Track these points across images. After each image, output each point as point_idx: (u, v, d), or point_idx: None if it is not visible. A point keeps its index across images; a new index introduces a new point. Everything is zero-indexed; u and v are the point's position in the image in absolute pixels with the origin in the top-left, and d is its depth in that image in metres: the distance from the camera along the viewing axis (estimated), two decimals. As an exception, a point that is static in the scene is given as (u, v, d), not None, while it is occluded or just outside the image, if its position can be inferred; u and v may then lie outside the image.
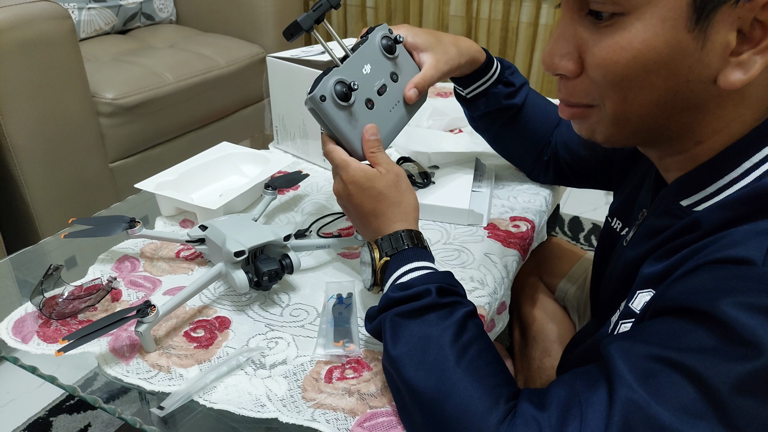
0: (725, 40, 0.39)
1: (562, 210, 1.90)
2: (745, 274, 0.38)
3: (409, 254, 0.57)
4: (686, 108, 0.44)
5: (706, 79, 0.41)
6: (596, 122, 0.48)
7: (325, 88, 0.60)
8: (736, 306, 0.36)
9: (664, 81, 0.42)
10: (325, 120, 0.62)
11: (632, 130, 0.47)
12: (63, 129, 1.31)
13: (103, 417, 1.17)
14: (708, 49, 0.40)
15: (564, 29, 0.46)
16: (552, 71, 0.48)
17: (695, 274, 0.41)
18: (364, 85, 0.64)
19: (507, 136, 0.85)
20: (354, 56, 0.64)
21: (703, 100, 0.43)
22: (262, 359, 0.58)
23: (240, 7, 1.94)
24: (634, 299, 0.48)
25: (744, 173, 0.44)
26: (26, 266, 0.75)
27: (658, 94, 0.43)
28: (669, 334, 0.39)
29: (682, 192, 0.48)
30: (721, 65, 0.41)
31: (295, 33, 0.61)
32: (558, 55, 0.46)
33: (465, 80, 0.78)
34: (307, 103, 0.61)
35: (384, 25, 0.70)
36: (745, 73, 0.40)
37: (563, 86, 0.48)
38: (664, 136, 0.47)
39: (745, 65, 0.40)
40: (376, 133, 0.63)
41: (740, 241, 0.40)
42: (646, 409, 0.37)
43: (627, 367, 0.39)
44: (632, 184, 0.65)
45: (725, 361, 0.36)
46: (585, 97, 0.47)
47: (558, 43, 0.46)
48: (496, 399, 0.44)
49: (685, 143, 0.47)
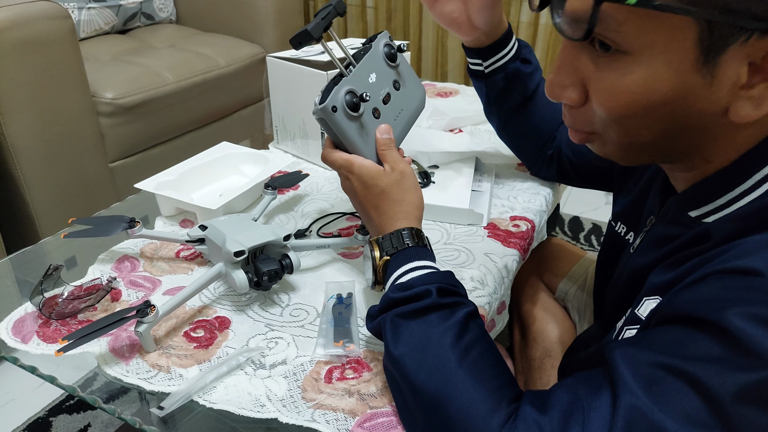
0: (735, 75, 0.38)
1: (562, 210, 1.90)
2: (752, 285, 0.37)
3: (410, 253, 0.57)
4: (695, 135, 0.43)
5: (715, 113, 0.40)
6: (605, 145, 0.48)
7: (336, 99, 0.60)
8: (743, 316, 0.36)
9: (671, 119, 0.41)
10: (335, 130, 0.61)
11: (641, 154, 0.47)
12: (63, 129, 1.31)
13: (103, 417, 1.17)
14: (716, 85, 0.39)
15: (566, 57, 0.44)
16: (556, 100, 0.47)
17: (703, 283, 0.40)
18: (372, 95, 0.64)
19: (516, 123, 0.84)
20: (360, 65, 0.64)
21: (713, 129, 0.42)
22: (262, 359, 0.58)
23: (240, 7, 1.94)
24: (640, 306, 0.48)
25: (755, 185, 0.43)
26: (26, 266, 0.75)
27: (663, 127, 0.42)
28: (674, 342, 0.39)
29: (692, 202, 0.48)
30: (730, 99, 0.39)
31: (303, 41, 0.60)
32: (561, 86, 0.45)
33: (485, 52, 0.78)
34: (317, 114, 0.60)
35: (385, 32, 0.70)
36: (756, 108, 0.39)
37: (567, 113, 0.48)
38: (674, 156, 0.47)
39: (757, 100, 0.39)
40: (389, 132, 0.64)
41: (749, 252, 0.39)
42: (649, 416, 0.37)
43: (631, 373, 0.39)
44: (638, 188, 0.64)
45: (730, 371, 0.36)
46: (588, 126, 0.47)
47: (561, 73, 0.45)
48: (499, 401, 0.44)
49: (696, 161, 0.46)
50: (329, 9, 0.61)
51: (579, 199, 1.96)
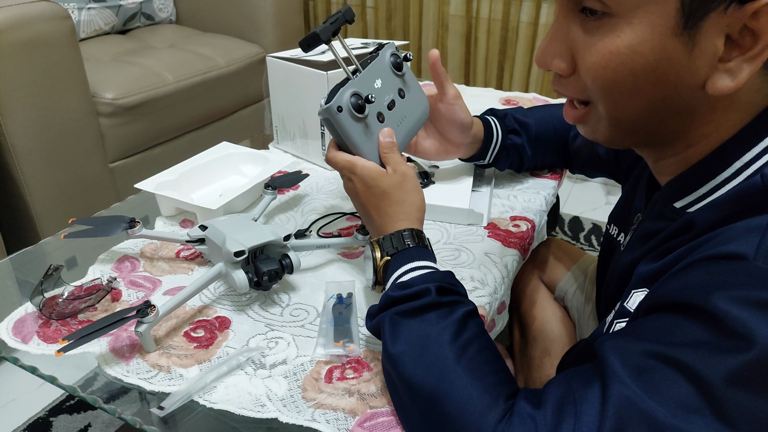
0: (714, 47, 0.40)
1: (562, 210, 1.90)
2: (737, 269, 0.38)
3: (410, 253, 0.57)
4: (676, 113, 0.44)
5: (694, 86, 0.42)
6: (596, 123, 0.49)
7: (342, 100, 0.61)
8: (729, 299, 0.37)
9: (652, 86, 0.42)
10: (339, 131, 0.62)
11: (626, 131, 0.48)
12: (63, 129, 1.31)
13: (103, 417, 1.17)
14: (696, 55, 0.40)
15: (558, 28, 0.47)
16: (545, 69, 0.49)
17: (688, 270, 0.41)
18: (377, 99, 0.65)
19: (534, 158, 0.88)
20: (367, 70, 0.65)
21: (692, 106, 0.43)
22: (262, 359, 0.58)
23: (240, 7, 1.94)
24: (629, 298, 0.48)
25: (735, 173, 0.44)
26: (26, 266, 0.75)
27: (647, 100, 0.44)
28: (662, 329, 0.40)
29: (675, 194, 0.49)
30: (709, 72, 0.41)
31: (312, 44, 0.62)
32: (551, 54, 0.47)
33: (480, 153, 0.83)
34: (323, 114, 0.61)
35: (392, 43, 0.71)
36: (732, 79, 0.40)
37: (557, 81, 0.49)
38: (657, 139, 0.48)
39: (733, 72, 0.40)
40: (391, 136, 0.65)
41: (733, 237, 0.40)
42: (639, 405, 0.37)
43: (620, 363, 0.39)
44: (626, 188, 0.65)
45: (718, 355, 0.36)
46: (579, 94, 0.48)
47: (552, 42, 0.47)
48: (496, 398, 0.44)
49: (677, 147, 0.47)
50: (338, 15, 0.63)
51: (579, 199, 1.96)
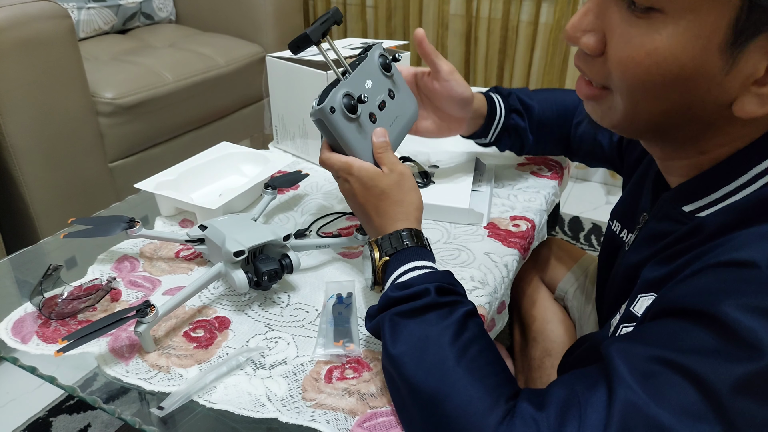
0: (753, 68, 0.39)
1: (562, 210, 1.90)
2: (747, 277, 0.38)
3: (409, 253, 0.57)
4: (694, 121, 0.43)
5: (721, 103, 0.41)
6: (608, 110, 0.47)
7: (334, 100, 0.61)
8: (738, 308, 0.36)
9: (680, 95, 0.41)
10: (332, 131, 0.62)
11: (638, 128, 0.47)
12: (62, 129, 1.31)
13: (103, 417, 1.17)
14: (733, 75, 0.39)
15: (596, 3, 0.44)
16: (572, 43, 0.46)
17: (698, 276, 0.40)
18: (368, 100, 0.65)
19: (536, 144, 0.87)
20: (357, 71, 0.65)
21: (713, 119, 0.43)
22: (261, 359, 0.58)
23: (240, 6, 1.93)
24: (635, 303, 0.48)
25: (752, 179, 0.43)
26: (26, 266, 0.75)
27: (669, 105, 0.43)
28: (670, 335, 0.39)
29: (685, 197, 0.48)
30: (739, 91, 0.40)
31: (302, 45, 0.62)
32: (582, 30, 0.44)
33: (482, 130, 0.82)
34: (315, 115, 0.61)
35: (380, 44, 0.71)
36: (761, 106, 0.39)
37: (581, 58, 0.46)
38: (669, 140, 0.47)
39: (764, 98, 0.39)
40: (385, 135, 0.64)
41: (744, 244, 0.39)
42: (645, 410, 0.37)
43: (627, 368, 0.39)
44: (630, 184, 0.65)
45: (726, 363, 0.36)
46: (601, 78, 0.46)
47: (586, 16, 0.44)
48: (497, 399, 0.44)
49: (689, 151, 0.47)
50: (327, 17, 0.63)
51: (579, 199, 1.96)
